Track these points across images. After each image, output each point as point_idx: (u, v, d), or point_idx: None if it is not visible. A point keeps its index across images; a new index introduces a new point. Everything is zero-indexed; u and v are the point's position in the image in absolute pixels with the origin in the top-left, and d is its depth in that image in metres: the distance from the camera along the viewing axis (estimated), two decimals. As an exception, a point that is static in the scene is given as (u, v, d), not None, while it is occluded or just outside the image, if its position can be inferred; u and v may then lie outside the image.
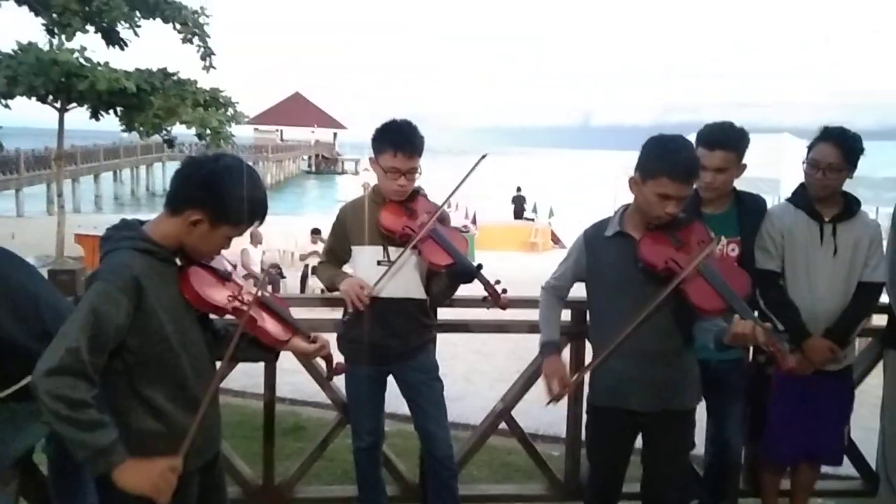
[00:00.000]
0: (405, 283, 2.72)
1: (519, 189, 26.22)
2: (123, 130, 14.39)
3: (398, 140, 2.63)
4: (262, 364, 2.64)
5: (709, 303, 2.29)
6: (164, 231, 1.90)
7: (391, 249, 2.70)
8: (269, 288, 11.74)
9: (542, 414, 3.12)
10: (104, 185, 34.13)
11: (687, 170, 2.29)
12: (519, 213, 25.35)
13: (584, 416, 2.69)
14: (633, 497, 2.67)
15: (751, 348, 3.02)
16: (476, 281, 2.60)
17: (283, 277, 12.59)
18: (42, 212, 25.30)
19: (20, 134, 24.23)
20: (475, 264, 2.60)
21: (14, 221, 21.46)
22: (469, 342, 8.95)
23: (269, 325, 2.10)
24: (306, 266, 12.59)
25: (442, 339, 3.00)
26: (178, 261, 1.96)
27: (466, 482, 3.56)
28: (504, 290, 2.61)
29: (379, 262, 2.70)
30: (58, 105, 13.08)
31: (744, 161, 2.83)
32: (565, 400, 3.18)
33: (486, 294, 2.61)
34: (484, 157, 2.79)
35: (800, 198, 2.95)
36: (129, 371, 1.84)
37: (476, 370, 8.13)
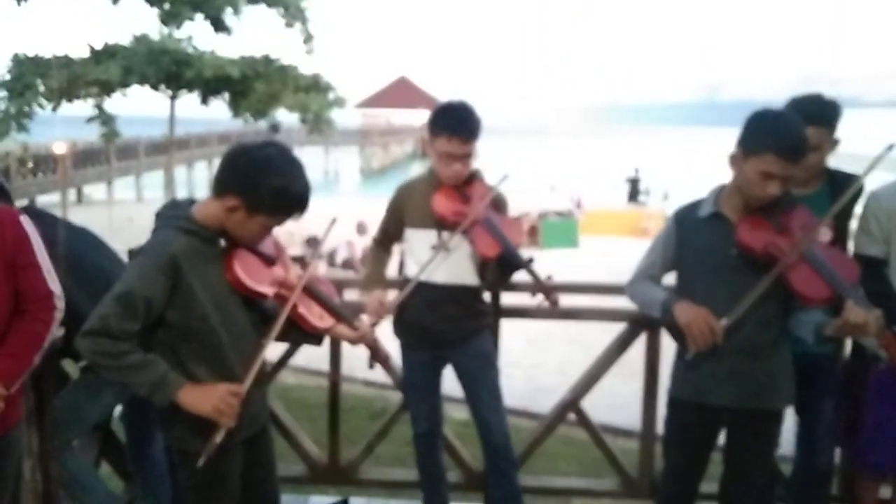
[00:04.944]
0: (458, 269, 2.64)
1: (637, 171, 25.02)
2: (234, 116, 15.01)
3: (454, 124, 2.54)
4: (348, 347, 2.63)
5: (814, 291, 2.12)
6: (208, 212, 1.94)
7: (445, 234, 2.62)
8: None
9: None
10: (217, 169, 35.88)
11: (795, 148, 2.12)
12: (634, 196, 24.34)
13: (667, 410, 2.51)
14: (710, 497, 2.50)
15: (847, 343, 2.77)
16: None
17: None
18: (160, 196, 26.91)
19: (138, 122, 25.74)
20: (527, 258, 2.50)
21: (134, 206, 22.91)
22: (566, 332, 8.72)
23: (312, 311, 2.09)
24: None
25: (537, 328, 2.93)
26: (223, 242, 1.97)
27: (540, 473, 3.47)
28: (555, 288, 2.51)
29: (432, 247, 2.63)
30: (169, 92, 13.82)
31: (837, 137, 2.59)
32: (640, 392, 3.04)
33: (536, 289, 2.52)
34: (505, 177, 2.74)
35: None
36: (173, 345, 1.92)
37: (571, 362, 7.92)
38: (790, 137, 2.12)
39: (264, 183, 1.86)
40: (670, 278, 2.46)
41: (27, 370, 2.11)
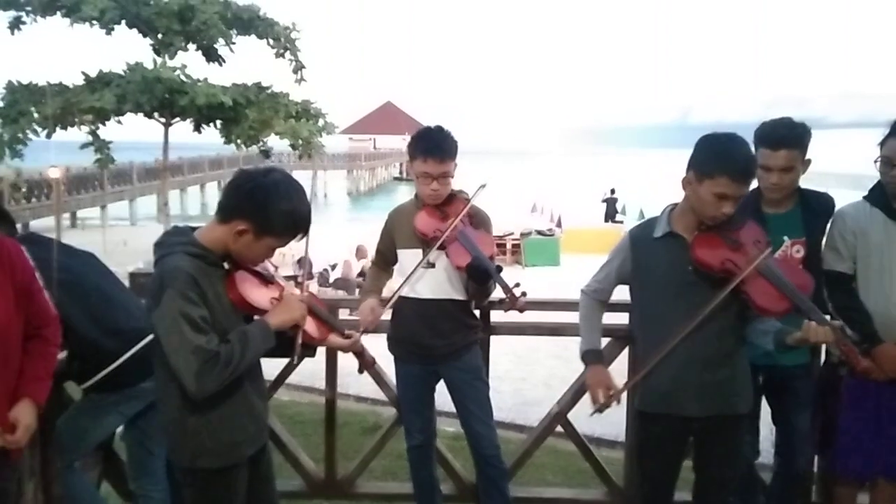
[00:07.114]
0: (445, 283, 2.78)
1: (613, 191, 25.35)
2: (225, 142, 15.11)
3: (428, 146, 2.70)
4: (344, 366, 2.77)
5: (773, 304, 2.23)
6: (213, 237, 2.02)
7: (430, 252, 2.76)
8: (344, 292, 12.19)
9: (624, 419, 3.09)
10: (209, 193, 35.90)
11: (746, 169, 2.25)
12: (611, 216, 24.60)
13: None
14: (686, 504, 2.59)
15: (822, 353, 2.88)
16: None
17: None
18: (153, 220, 26.90)
19: (132, 148, 25.88)
20: (495, 266, 2.64)
21: (128, 229, 22.93)
22: (551, 347, 8.82)
23: (309, 324, 2.20)
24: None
25: (523, 344, 3.03)
26: (225, 265, 2.07)
27: (530, 485, 3.55)
28: (523, 294, 2.63)
29: (418, 264, 2.76)
30: (163, 120, 13.93)
31: (808, 157, 2.71)
32: (626, 403, 3.13)
33: (503, 296, 2.64)
34: (483, 186, 2.85)
35: (877, 195, 2.76)
36: None
37: (556, 375, 8.03)
38: (742, 160, 2.23)
39: (273, 207, 1.96)
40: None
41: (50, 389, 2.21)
